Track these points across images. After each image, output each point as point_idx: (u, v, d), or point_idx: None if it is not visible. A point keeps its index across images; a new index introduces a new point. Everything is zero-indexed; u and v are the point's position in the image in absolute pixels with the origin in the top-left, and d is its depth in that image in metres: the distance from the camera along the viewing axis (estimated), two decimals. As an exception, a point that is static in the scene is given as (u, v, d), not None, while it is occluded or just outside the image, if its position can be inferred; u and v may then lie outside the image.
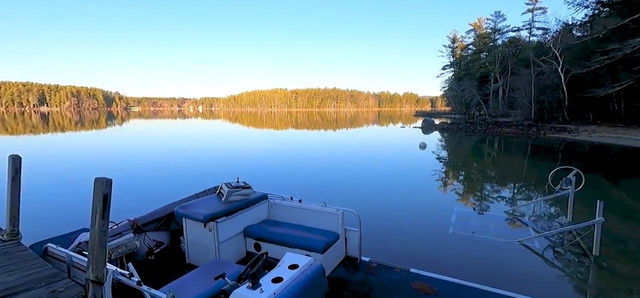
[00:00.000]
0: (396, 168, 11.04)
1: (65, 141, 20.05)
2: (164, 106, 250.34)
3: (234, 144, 18.68)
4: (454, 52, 77.01)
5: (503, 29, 53.78)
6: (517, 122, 27.61)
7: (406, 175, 9.92)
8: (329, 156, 13.53)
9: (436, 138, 21.36)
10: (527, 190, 8.32)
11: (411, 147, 17.11)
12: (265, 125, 40.30)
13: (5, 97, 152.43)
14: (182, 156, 13.52)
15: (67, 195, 7.45)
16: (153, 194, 7.40)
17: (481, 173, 10.47)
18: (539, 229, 5.13)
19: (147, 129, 33.56)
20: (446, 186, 8.58)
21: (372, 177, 9.42)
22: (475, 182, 9.15)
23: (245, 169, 10.70)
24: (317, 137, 23.66)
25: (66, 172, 9.93)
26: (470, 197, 7.49)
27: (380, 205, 6.67)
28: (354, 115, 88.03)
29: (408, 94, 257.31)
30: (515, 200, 7.13)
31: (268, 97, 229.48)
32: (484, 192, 7.96)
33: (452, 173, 10.42)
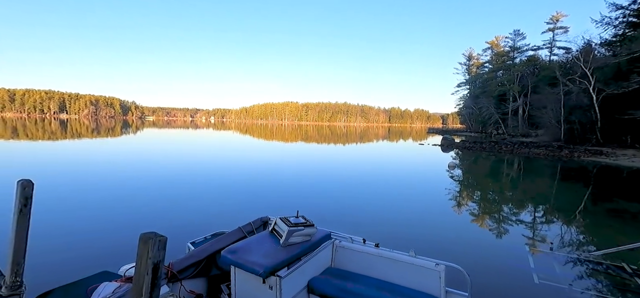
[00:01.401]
0: (436, 194, 10.07)
1: (76, 150, 19.81)
2: (177, 116, 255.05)
3: (250, 156, 18.09)
4: (470, 69, 76.11)
5: (522, 47, 52.73)
6: (544, 143, 26.28)
7: (450, 202, 8.98)
8: (354, 176, 12.64)
9: (460, 157, 20.32)
10: (611, 228, 7.12)
11: (439, 167, 16.14)
12: (282, 137, 39.88)
13: (28, 104, 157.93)
14: (195, 169, 12.85)
15: (77, 223, 6.30)
16: (174, 218, 6.68)
17: (538, 202, 9.40)
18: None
19: (160, 137, 33.52)
20: (504, 219, 7.59)
21: (416, 206, 8.48)
22: (539, 214, 8.10)
23: (264, 186, 9.95)
24: (333, 152, 22.87)
25: (76, 192, 9.22)
26: (541, 233, 6.48)
27: (444, 244, 5.74)
28: (365, 130, 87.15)
29: (419, 110, 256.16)
30: (609, 239, 6.07)
31: (279, 109, 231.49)
32: (553, 227, 6.93)
33: (502, 202, 9.41)
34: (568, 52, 46.45)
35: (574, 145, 23.61)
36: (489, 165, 17.01)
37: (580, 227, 6.98)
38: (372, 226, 6.51)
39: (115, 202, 7.50)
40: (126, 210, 6.92)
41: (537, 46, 52.59)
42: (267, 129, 74.25)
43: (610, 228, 6.99)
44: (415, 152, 24.07)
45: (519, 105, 49.44)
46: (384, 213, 7.43)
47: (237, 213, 6.87)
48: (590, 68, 23.96)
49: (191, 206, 7.39)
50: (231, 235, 3.05)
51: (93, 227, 5.88)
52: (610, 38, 28.14)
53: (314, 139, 39.94)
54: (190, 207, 7.34)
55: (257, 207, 7.44)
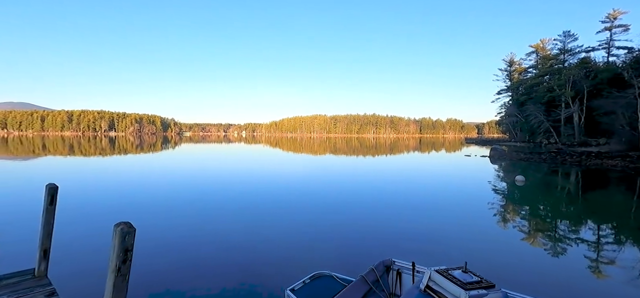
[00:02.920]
0: (509, 214, 8.67)
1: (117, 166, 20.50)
2: (212, 131, 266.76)
3: (291, 171, 17.54)
4: (511, 75, 71.46)
5: (574, 49, 48.34)
6: (617, 152, 23.05)
7: (530, 226, 7.57)
8: (408, 194, 11.49)
9: (519, 171, 18.26)
10: None
11: (498, 182, 14.43)
12: (311, 149, 39.46)
13: (83, 123, 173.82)
14: (247, 193, 12.39)
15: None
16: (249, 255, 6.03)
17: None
18: None
19: (197, 152, 34.51)
20: (611, 252, 6.11)
21: (494, 230, 7.22)
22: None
23: (313, 206, 9.12)
24: (377, 166, 21.71)
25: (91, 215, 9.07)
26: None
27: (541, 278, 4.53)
28: (395, 141, 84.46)
29: (452, 120, 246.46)
30: None
31: (308, 123, 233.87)
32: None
33: (601, 229, 7.81)
34: (631, 51, 41.76)
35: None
36: (560, 180, 14.95)
37: None
38: (449, 251, 5.41)
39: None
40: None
41: (591, 47, 47.99)
42: (297, 142, 74.58)
43: None
44: (464, 164, 22.20)
45: (573, 112, 44.98)
46: (459, 238, 6.26)
47: (313, 243, 6.08)
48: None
49: (259, 237, 6.74)
50: (356, 289, 2.26)
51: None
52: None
53: (356, 151, 38.97)
54: (260, 238, 6.68)
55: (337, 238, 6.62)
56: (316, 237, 6.49)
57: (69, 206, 8.01)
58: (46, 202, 2.86)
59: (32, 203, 8.28)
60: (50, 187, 2.84)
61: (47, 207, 2.88)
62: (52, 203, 2.88)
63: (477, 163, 22.77)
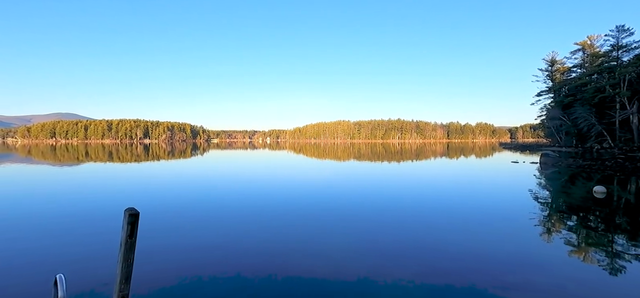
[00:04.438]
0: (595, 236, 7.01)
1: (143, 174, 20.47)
2: (237, 138, 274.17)
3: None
4: (553, 76, 66.34)
5: (630, 44, 43.65)
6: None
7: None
8: (456, 209, 10.00)
9: (583, 179, 15.95)
10: None
11: (573, 193, 12.46)
12: (336, 155, 38.29)
13: (121, 132, 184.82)
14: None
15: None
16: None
17: None
18: None
19: (223, 158, 34.53)
20: None
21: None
22: None
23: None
24: (416, 174, 20.13)
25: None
26: None
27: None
28: (421, 146, 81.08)
29: (482, 124, 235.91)
30: None
31: (331, 128, 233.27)
32: None
33: None
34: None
35: None
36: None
37: None
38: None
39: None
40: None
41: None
42: (321, 148, 73.71)
43: None
44: (515, 172, 20.02)
45: (631, 114, 40.43)
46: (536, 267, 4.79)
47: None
48: None
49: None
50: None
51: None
52: None
53: (386, 157, 37.33)
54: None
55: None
56: (337, 247, 5.78)
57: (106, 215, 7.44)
58: (126, 232, 2.08)
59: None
60: (130, 214, 2.06)
61: (126, 240, 2.09)
62: (133, 234, 2.12)
63: (530, 171, 20.48)
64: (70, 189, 13.13)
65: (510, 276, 4.79)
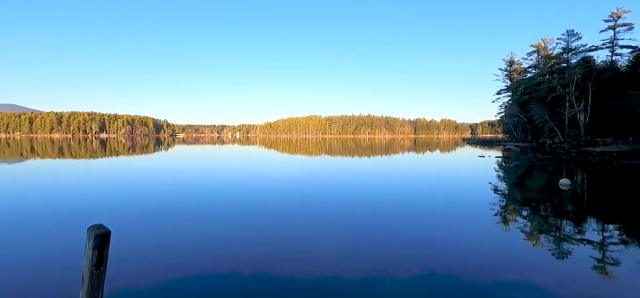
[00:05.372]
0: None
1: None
2: (205, 133, 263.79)
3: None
4: (511, 75, 71.10)
5: (578, 48, 47.82)
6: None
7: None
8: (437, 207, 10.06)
9: (549, 171, 17.03)
10: None
11: (542, 186, 13.13)
12: (308, 151, 37.89)
13: (73, 125, 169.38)
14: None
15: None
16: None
17: None
18: None
19: (190, 153, 32.64)
20: None
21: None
22: None
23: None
24: (387, 168, 20.29)
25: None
26: None
27: None
28: (390, 142, 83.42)
29: (446, 120, 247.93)
30: None
31: (303, 123, 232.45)
32: None
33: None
34: (635, 50, 41.33)
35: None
36: (604, 181, 13.68)
37: None
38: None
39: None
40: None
41: (594, 46, 47.52)
42: (292, 143, 72.91)
43: None
44: (484, 166, 20.91)
45: (578, 112, 44.41)
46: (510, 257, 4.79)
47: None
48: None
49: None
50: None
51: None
52: None
53: (358, 152, 37.49)
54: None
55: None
56: (311, 242, 5.45)
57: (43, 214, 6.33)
58: (91, 260, 1.41)
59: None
60: (97, 234, 1.42)
61: (91, 270, 1.42)
62: (101, 263, 1.44)
63: (496, 164, 21.53)
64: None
65: (499, 266, 4.67)
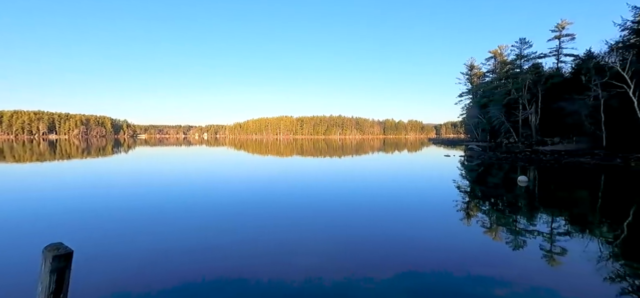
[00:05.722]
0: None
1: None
2: (170, 134, 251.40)
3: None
4: (472, 79, 75.71)
5: (529, 55, 52.08)
6: (583, 151, 24.56)
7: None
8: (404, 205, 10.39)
9: (504, 170, 18.29)
10: None
11: (502, 183, 14.04)
12: (279, 151, 37.51)
13: (16, 125, 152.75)
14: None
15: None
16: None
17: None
18: None
19: (152, 155, 30.86)
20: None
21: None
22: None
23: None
24: (351, 171, 20.62)
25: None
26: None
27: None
28: (361, 142, 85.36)
29: (413, 121, 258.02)
30: None
31: (274, 124, 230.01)
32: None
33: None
34: (576, 58, 45.88)
35: (621, 152, 21.90)
36: (555, 178, 14.97)
37: None
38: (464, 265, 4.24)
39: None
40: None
41: (543, 54, 52.06)
42: (263, 144, 71.83)
43: None
44: (450, 165, 21.98)
45: (530, 114, 48.33)
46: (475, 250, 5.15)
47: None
48: (629, 71, 22.62)
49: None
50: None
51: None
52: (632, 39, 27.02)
53: (329, 152, 37.70)
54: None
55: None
56: (283, 243, 5.31)
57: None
58: (48, 287, 1.22)
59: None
60: (55, 255, 1.24)
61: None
62: (61, 290, 1.24)
63: (460, 163, 22.77)
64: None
65: (471, 262, 4.90)
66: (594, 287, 4.42)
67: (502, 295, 4.08)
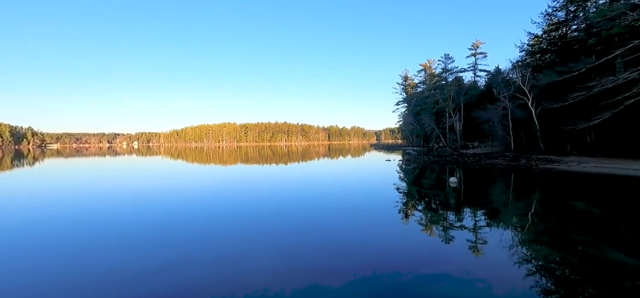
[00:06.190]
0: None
1: None
2: (91, 142, 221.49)
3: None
4: (406, 89, 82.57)
5: (453, 69, 59.06)
6: (496, 154, 28.73)
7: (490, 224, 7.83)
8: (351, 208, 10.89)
9: (436, 172, 20.31)
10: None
11: (437, 184, 15.50)
12: (222, 160, 35.86)
13: None
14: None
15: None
16: None
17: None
18: None
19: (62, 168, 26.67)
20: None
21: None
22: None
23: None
24: (300, 177, 20.83)
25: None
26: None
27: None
28: (306, 148, 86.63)
29: (355, 128, 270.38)
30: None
31: (216, 131, 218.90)
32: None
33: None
34: (489, 74, 53.43)
35: (525, 154, 26.15)
36: (478, 178, 17.09)
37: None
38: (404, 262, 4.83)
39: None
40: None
41: (463, 68, 59.53)
42: (204, 152, 67.85)
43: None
44: (390, 169, 23.53)
45: (455, 121, 54.53)
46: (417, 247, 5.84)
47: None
48: (528, 86, 27.31)
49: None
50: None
51: None
52: (531, 61, 32.69)
53: (277, 160, 37.10)
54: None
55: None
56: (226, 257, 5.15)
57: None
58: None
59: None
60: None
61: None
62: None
63: (399, 168, 24.57)
64: None
65: (418, 262, 5.35)
66: (510, 271, 5.16)
67: (444, 291, 4.50)
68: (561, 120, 24.29)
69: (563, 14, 28.52)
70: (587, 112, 21.96)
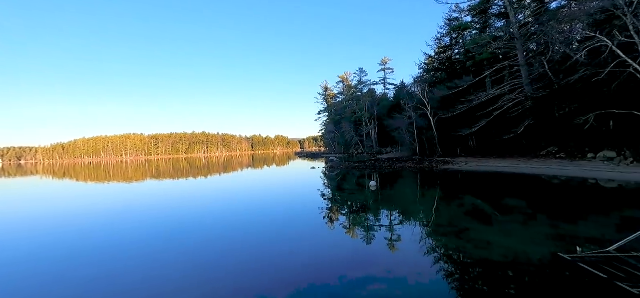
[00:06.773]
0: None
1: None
2: None
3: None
4: (327, 99, 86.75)
5: (367, 82, 64.77)
6: (406, 157, 32.60)
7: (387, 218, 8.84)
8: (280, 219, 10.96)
9: (357, 176, 21.86)
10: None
11: (359, 189, 16.57)
12: (124, 176, 31.20)
13: None
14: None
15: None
16: None
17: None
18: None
19: None
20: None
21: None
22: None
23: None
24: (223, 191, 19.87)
25: None
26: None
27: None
28: (229, 159, 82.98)
29: (279, 136, 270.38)
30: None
31: (117, 144, 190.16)
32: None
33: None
34: (396, 87, 60.41)
35: (427, 157, 30.36)
36: (391, 182, 18.98)
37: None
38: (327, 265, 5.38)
39: None
40: None
41: (375, 82, 65.88)
42: (101, 168, 57.93)
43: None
44: (315, 177, 24.21)
45: (371, 129, 59.65)
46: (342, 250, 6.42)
47: None
48: (427, 99, 31.99)
49: None
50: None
51: None
52: (428, 76, 38.46)
53: (194, 172, 33.91)
54: None
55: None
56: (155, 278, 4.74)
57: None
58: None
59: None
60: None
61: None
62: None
63: (323, 174, 25.53)
64: None
65: (346, 265, 5.67)
66: (421, 261, 5.89)
67: (370, 294, 4.83)
68: (453, 127, 29.29)
69: (448, 39, 34.59)
70: (470, 120, 27.03)
